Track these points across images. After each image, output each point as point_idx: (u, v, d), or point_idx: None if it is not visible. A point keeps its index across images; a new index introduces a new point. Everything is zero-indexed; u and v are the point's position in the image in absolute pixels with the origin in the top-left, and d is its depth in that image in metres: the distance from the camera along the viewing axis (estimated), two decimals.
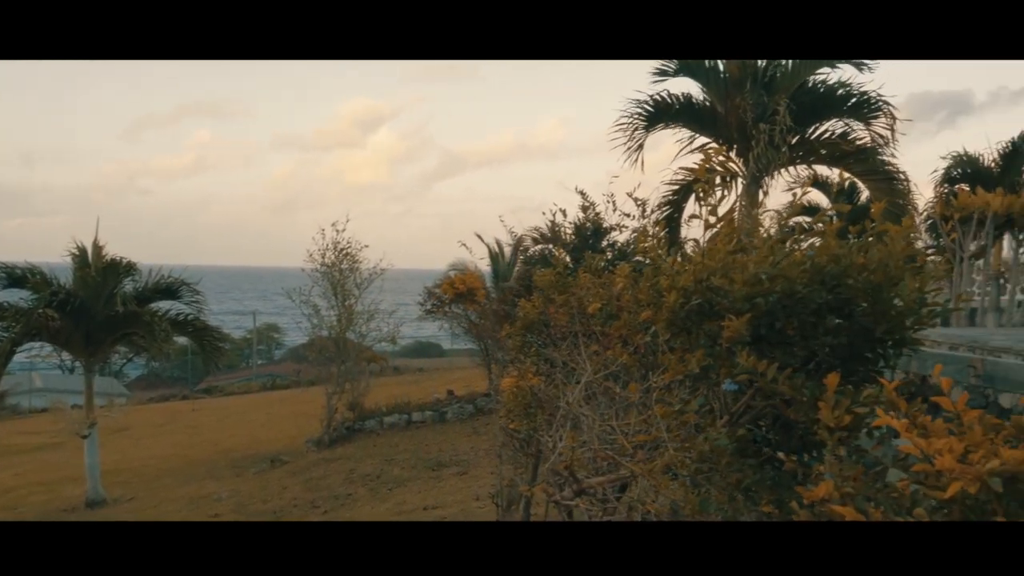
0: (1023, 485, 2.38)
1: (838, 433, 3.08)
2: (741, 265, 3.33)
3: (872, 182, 10.26)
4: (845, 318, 3.65)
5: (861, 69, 9.67)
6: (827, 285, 3.56)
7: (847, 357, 3.75)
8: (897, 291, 3.45)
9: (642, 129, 10.51)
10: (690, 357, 3.65)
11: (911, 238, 3.49)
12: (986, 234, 8.07)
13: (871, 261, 3.55)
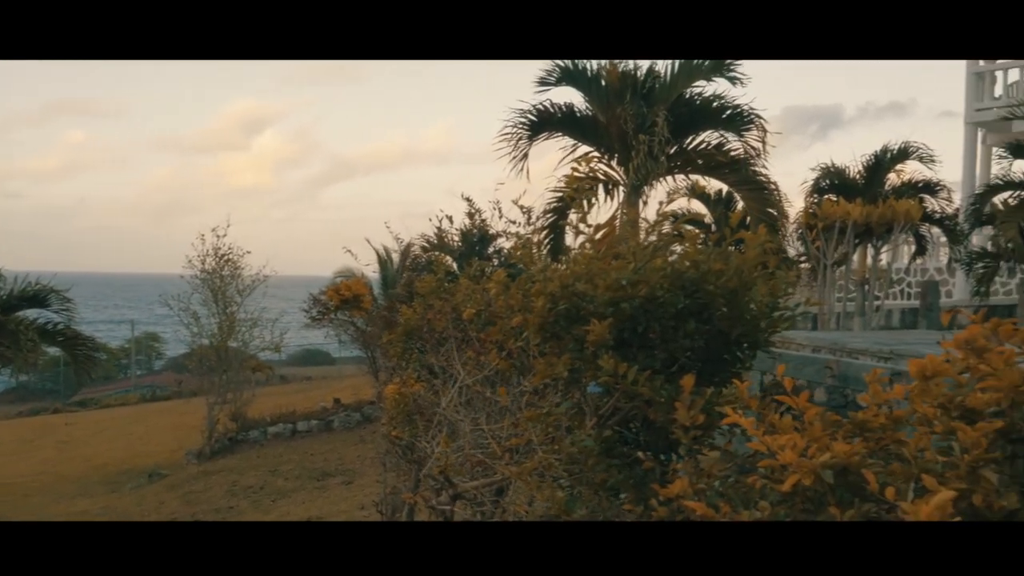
0: (853, 476, 2.53)
1: (693, 432, 3.21)
2: (604, 271, 3.44)
3: (745, 191, 10.69)
4: (704, 322, 3.80)
5: (734, 83, 10.10)
6: (687, 290, 3.70)
7: (706, 359, 3.91)
8: (750, 296, 3.62)
9: (526, 138, 10.68)
10: (556, 361, 3.74)
11: (765, 246, 3.66)
12: (847, 242, 8.52)
13: (728, 267, 3.71)
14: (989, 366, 2.44)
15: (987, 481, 2.24)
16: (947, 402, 2.50)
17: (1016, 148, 13.24)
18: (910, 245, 17.81)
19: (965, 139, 19.71)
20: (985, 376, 2.49)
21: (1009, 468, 2.51)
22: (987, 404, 2.51)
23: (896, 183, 14.74)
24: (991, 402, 2.50)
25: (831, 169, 14.78)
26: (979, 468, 2.26)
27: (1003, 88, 19.61)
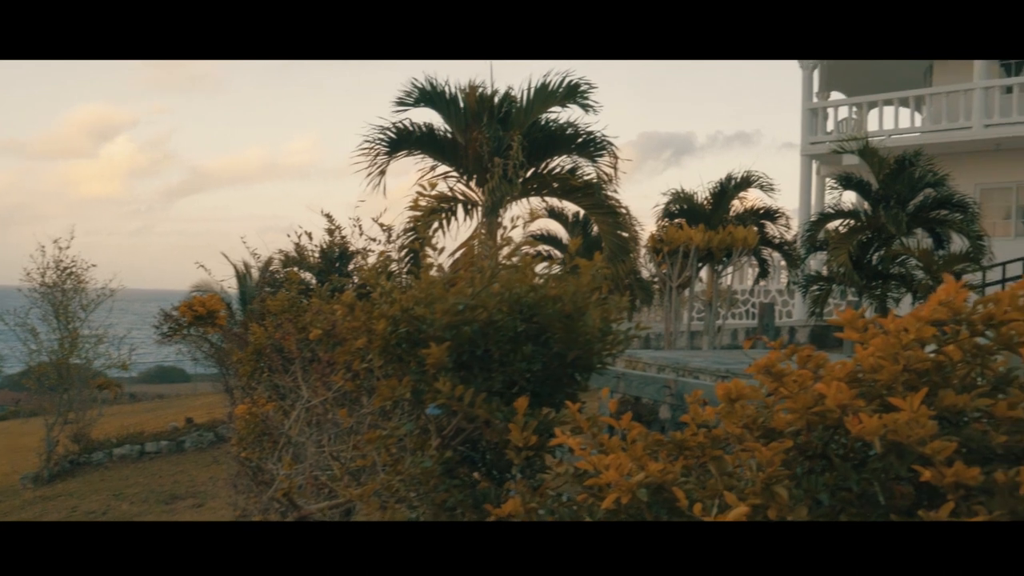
0: (667, 494, 2.70)
1: (525, 452, 3.33)
2: (442, 296, 3.52)
3: (598, 215, 11.06)
4: (542, 345, 3.95)
5: (587, 110, 10.47)
6: (525, 314, 3.84)
7: (544, 381, 4.06)
8: (585, 321, 3.79)
9: (384, 156, 10.70)
10: (398, 383, 3.80)
11: (598, 272, 3.85)
12: (690, 265, 8.96)
13: (564, 292, 3.87)
14: (786, 389, 2.67)
15: (779, 496, 2.44)
16: (750, 423, 2.71)
17: (846, 180, 14.24)
18: (754, 268, 18.80)
19: (801, 170, 21.05)
20: (784, 398, 2.71)
21: (806, 483, 2.75)
22: (787, 424, 2.74)
23: (740, 209, 15.59)
24: (790, 422, 2.73)
25: (681, 194, 15.47)
26: (772, 484, 2.46)
27: (834, 123, 21.08)
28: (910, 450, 2.28)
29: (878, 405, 2.44)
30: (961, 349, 2.53)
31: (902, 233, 13.33)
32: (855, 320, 2.72)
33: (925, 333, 2.35)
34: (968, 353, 2.54)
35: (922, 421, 2.23)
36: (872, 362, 2.45)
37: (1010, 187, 20.24)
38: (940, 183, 13.78)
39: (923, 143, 17.25)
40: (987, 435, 2.42)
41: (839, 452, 2.71)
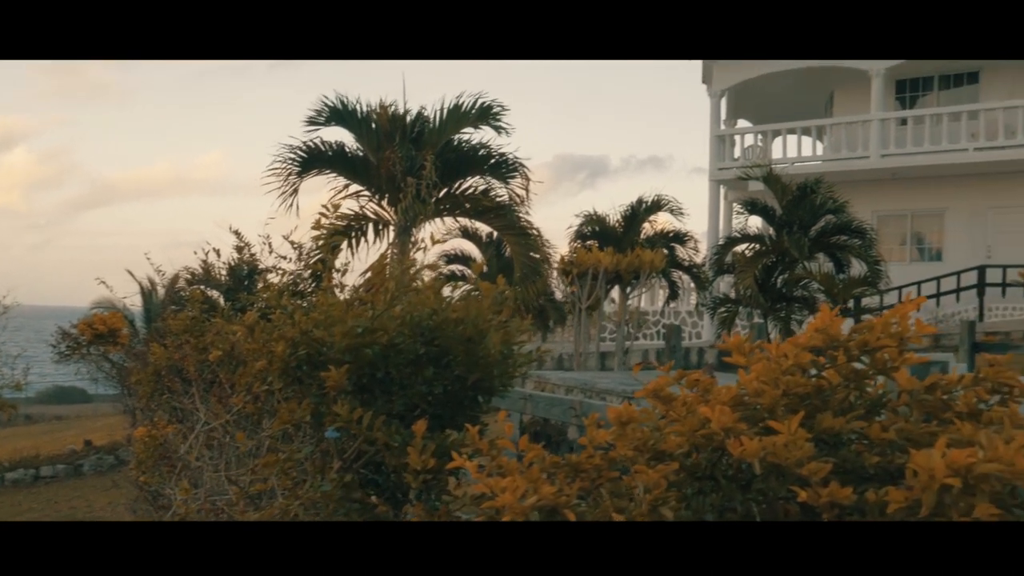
0: (559, 516, 2.73)
1: (423, 476, 3.32)
2: (341, 319, 3.50)
3: (510, 236, 11.14)
4: (443, 368, 3.95)
5: (500, 132, 10.55)
6: (426, 337, 3.84)
7: (446, 403, 4.06)
8: (486, 344, 3.81)
9: (296, 174, 10.58)
10: (298, 406, 3.75)
11: (500, 295, 3.88)
12: (599, 287, 9.10)
13: (466, 315, 3.89)
14: (675, 413, 2.74)
15: (665, 517, 2.50)
16: (641, 445, 2.77)
17: (751, 205, 14.66)
18: (665, 290, 19.17)
19: (710, 194, 21.64)
20: (674, 421, 2.79)
21: (694, 504, 2.82)
22: (676, 447, 2.80)
23: (650, 232, 15.89)
24: (679, 445, 2.80)
25: (593, 217, 15.70)
26: (659, 506, 2.52)
27: (741, 150, 21.76)
28: (788, 471, 2.36)
29: (760, 428, 2.53)
30: (839, 374, 2.65)
31: (804, 257, 13.75)
32: (742, 345, 2.81)
33: (803, 359, 2.44)
34: (846, 377, 2.66)
35: (799, 443, 2.32)
36: (755, 386, 2.54)
37: (905, 214, 21.18)
38: (840, 210, 14.28)
39: (824, 171, 17.90)
40: (861, 456, 2.53)
41: (727, 473, 2.79)
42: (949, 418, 2.58)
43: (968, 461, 2.01)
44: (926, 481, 2.04)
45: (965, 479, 2.02)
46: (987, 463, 2.02)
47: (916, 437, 2.52)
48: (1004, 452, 2.07)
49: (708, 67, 22.13)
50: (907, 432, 2.53)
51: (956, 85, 21.01)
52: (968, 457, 2.02)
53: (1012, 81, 19.97)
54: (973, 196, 19.99)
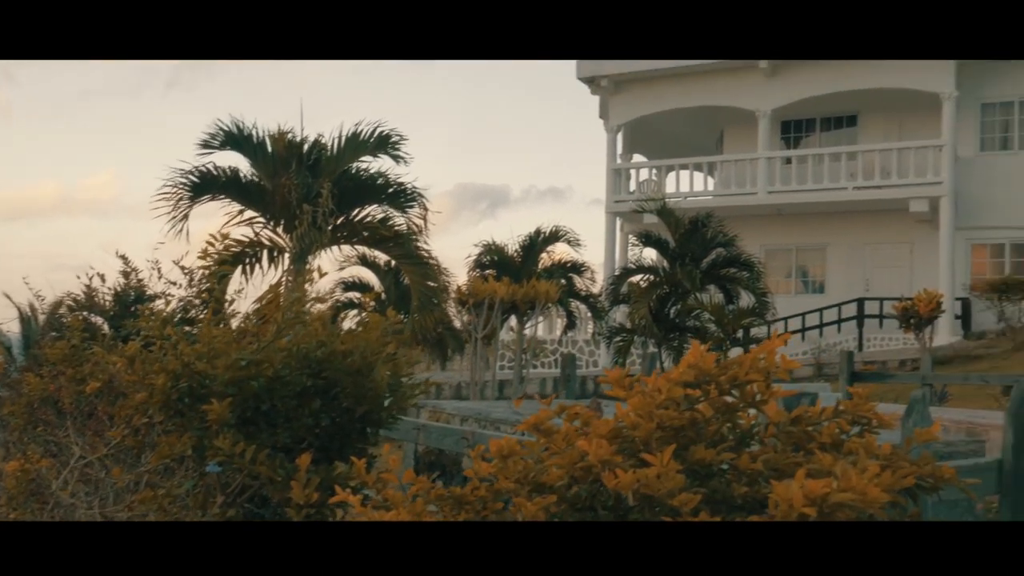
0: None
1: (306, 510, 3.29)
2: (225, 351, 3.44)
3: (408, 265, 11.13)
4: (331, 400, 3.93)
5: (398, 161, 10.57)
6: (313, 370, 3.81)
7: (333, 436, 4.02)
8: (374, 376, 3.81)
9: (187, 199, 10.33)
10: (178, 440, 3.66)
11: (389, 327, 3.89)
12: (495, 317, 9.19)
13: (355, 348, 3.88)
14: (555, 446, 2.80)
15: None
16: (522, 478, 2.82)
17: (646, 237, 15.05)
18: (563, 319, 19.43)
19: (606, 226, 22.14)
20: (554, 454, 2.84)
21: None
22: (557, 479, 2.86)
23: (548, 263, 16.12)
24: (560, 477, 2.86)
25: (492, 246, 15.82)
26: None
27: (636, 184, 22.37)
28: (661, 502, 2.44)
29: (636, 460, 2.61)
30: (712, 407, 2.76)
31: (696, 289, 14.12)
32: (621, 379, 2.89)
33: (675, 393, 2.54)
34: (718, 410, 2.77)
35: (671, 475, 2.40)
36: (632, 419, 2.62)
37: (790, 248, 22.10)
38: (729, 243, 14.77)
39: (715, 206, 18.54)
40: (731, 486, 2.64)
41: (606, 504, 2.86)
42: (813, 449, 2.71)
43: (823, 491, 2.12)
44: (785, 510, 2.15)
45: (821, 508, 2.13)
46: (841, 492, 2.14)
47: (782, 467, 2.64)
48: (857, 482, 2.19)
49: (605, 103, 22.70)
50: (773, 462, 2.65)
51: (836, 127, 22.14)
52: (823, 487, 2.14)
53: (886, 125, 21.18)
54: (852, 232, 21.03)
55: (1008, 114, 20.10)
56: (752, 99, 20.80)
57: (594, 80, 22.16)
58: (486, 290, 8.83)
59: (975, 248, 20.13)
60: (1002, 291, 17.35)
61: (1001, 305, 17.39)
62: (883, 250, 20.99)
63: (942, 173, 18.84)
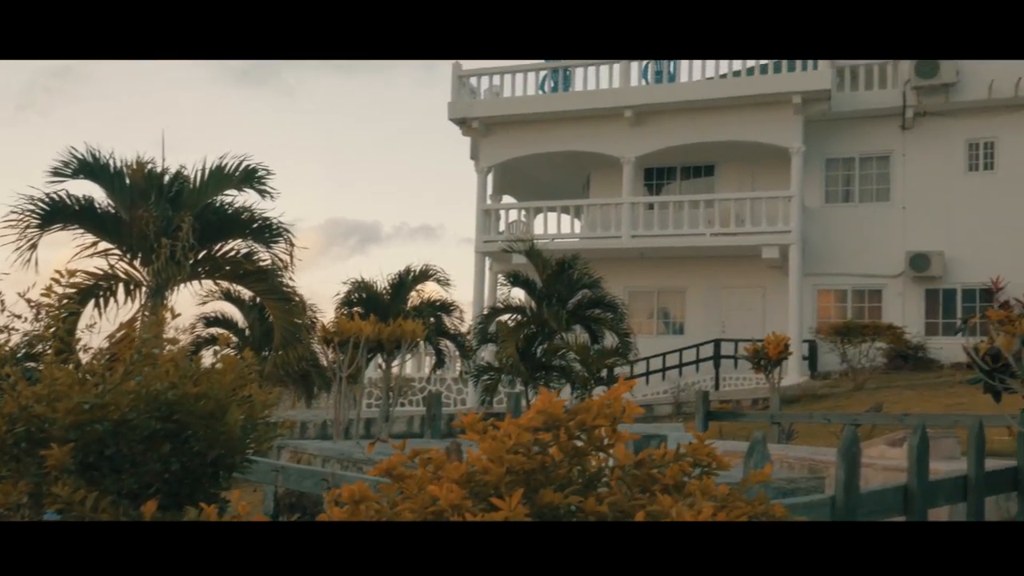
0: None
1: None
2: (66, 393, 3.31)
3: (272, 301, 10.93)
4: (182, 443, 3.81)
5: (264, 195, 10.41)
6: (162, 413, 3.70)
7: (183, 481, 3.90)
8: (227, 419, 3.73)
9: (35, 227, 9.82)
10: (10, 487, 3.47)
11: (246, 367, 3.82)
12: (360, 356, 9.13)
13: (208, 390, 3.79)
14: (407, 490, 2.82)
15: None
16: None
17: (514, 277, 15.28)
18: (431, 357, 19.41)
19: (476, 265, 22.37)
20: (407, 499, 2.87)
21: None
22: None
23: (417, 301, 16.13)
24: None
25: (361, 283, 15.71)
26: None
27: (506, 224, 22.74)
28: None
29: (487, 504, 2.67)
30: (562, 451, 2.85)
31: (562, 329, 14.39)
32: (475, 423, 2.95)
33: (524, 438, 2.62)
34: (567, 454, 2.87)
35: (518, 518, 2.47)
36: (482, 464, 2.68)
37: (653, 291, 22.90)
38: (595, 285, 15.16)
39: (582, 248, 19.04)
40: None
41: None
42: (656, 491, 2.84)
43: None
44: None
45: None
46: None
47: (626, 509, 2.75)
48: None
49: (476, 144, 23.04)
50: (619, 505, 2.76)
51: (696, 176, 23.22)
52: None
53: (741, 175, 22.36)
54: (710, 276, 22.00)
55: (849, 169, 21.60)
56: (617, 146, 21.56)
57: (465, 121, 22.49)
58: (351, 328, 8.77)
59: (821, 293, 21.41)
60: (844, 334, 18.47)
61: (843, 347, 18.49)
62: (738, 294, 22.03)
63: (791, 222, 20.01)
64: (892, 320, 19.77)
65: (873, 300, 20.98)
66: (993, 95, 19.94)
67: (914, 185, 20.73)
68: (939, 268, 20.02)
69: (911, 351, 19.12)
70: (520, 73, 22.42)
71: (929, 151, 20.64)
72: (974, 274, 19.95)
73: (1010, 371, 4.64)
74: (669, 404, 18.22)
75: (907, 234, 20.58)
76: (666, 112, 21.18)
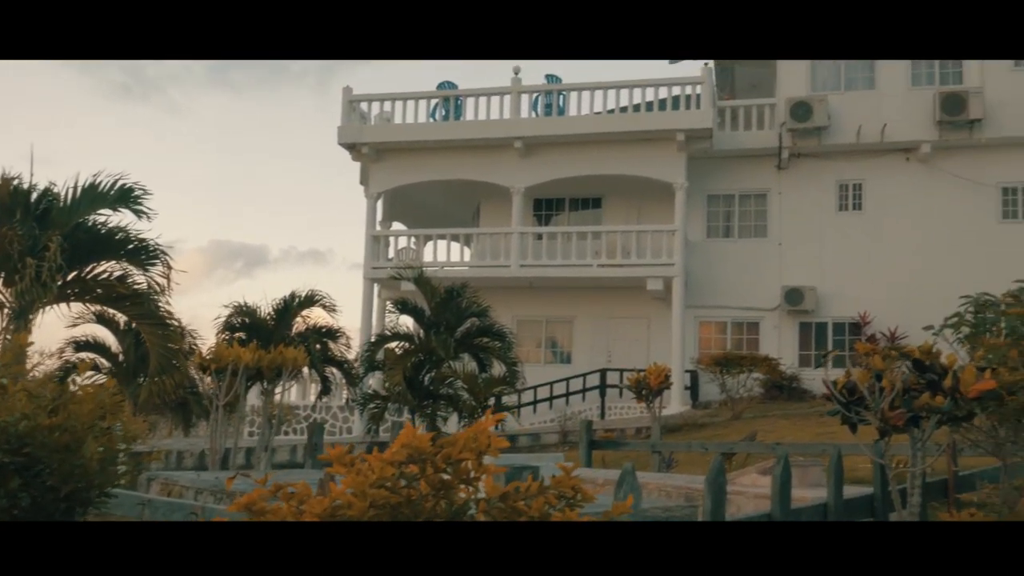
0: None
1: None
2: None
3: (147, 326, 10.54)
4: (33, 478, 3.62)
5: (140, 216, 10.06)
6: (12, 445, 3.51)
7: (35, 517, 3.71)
8: (83, 452, 3.57)
9: None
10: None
11: (101, 401, 3.67)
12: (239, 383, 8.88)
13: (63, 421, 3.62)
14: None
15: None
16: None
17: (403, 305, 15.18)
18: (317, 384, 19.04)
19: (364, 292, 22.16)
20: None
21: None
22: None
23: (303, 327, 15.79)
24: None
25: (244, 308, 15.28)
26: None
27: (395, 251, 22.63)
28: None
29: None
30: (429, 484, 2.84)
31: (450, 357, 14.35)
32: (342, 455, 2.91)
33: (387, 472, 2.60)
34: (434, 487, 2.86)
35: None
36: (346, 498, 2.65)
37: (541, 320, 23.15)
38: (483, 313, 15.19)
39: (471, 276, 19.08)
40: None
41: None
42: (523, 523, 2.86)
43: None
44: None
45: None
46: None
47: None
48: None
49: (366, 169, 22.90)
50: None
51: (584, 208, 23.68)
52: None
53: (627, 209, 22.92)
54: (597, 306, 22.41)
55: (730, 205, 22.44)
56: (507, 176, 21.81)
57: (355, 146, 22.33)
58: (230, 355, 8.52)
59: (703, 324, 22.08)
60: (723, 365, 19.08)
61: (723, 378, 19.09)
62: (624, 324, 22.49)
63: (674, 255, 20.61)
64: (769, 352, 20.54)
65: (751, 332, 21.75)
66: (861, 139, 21.12)
67: (789, 222, 21.69)
68: (812, 302, 20.95)
69: (786, 381, 19.89)
70: (411, 100, 22.45)
71: (803, 190, 21.66)
72: (844, 308, 20.96)
73: (865, 403, 4.89)
74: (555, 433, 18.38)
75: (783, 269, 21.48)
76: (555, 144, 21.57)
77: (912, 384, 4.87)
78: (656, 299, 21.42)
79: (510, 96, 21.74)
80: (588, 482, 8.94)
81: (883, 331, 19.88)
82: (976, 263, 19.39)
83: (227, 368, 8.64)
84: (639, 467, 13.90)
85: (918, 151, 20.96)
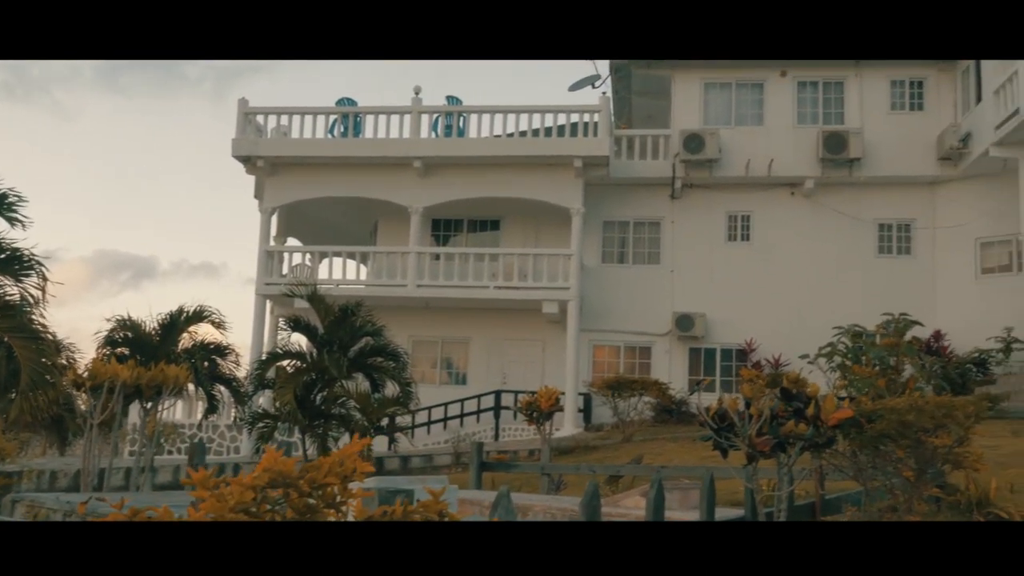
0: None
1: None
2: None
3: (19, 340, 10.06)
4: None
5: (14, 224, 9.63)
6: None
7: None
8: None
9: None
10: None
11: None
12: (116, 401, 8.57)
13: None
14: None
15: None
16: None
17: (295, 322, 14.94)
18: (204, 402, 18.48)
19: (255, 308, 21.70)
20: None
21: None
22: None
23: (190, 343, 15.33)
24: None
25: (127, 322, 14.73)
26: None
27: (289, 267, 22.26)
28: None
29: None
30: (294, 509, 2.82)
31: (343, 376, 14.18)
32: (206, 479, 2.87)
33: (246, 497, 2.58)
34: (299, 512, 2.84)
35: None
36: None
37: (436, 340, 23.11)
38: (378, 333, 15.08)
39: (367, 295, 18.94)
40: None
41: None
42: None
43: None
44: None
45: None
46: None
47: None
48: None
49: (261, 183, 22.48)
50: None
51: (482, 229, 23.83)
52: None
53: (525, 232, 23.18)
54: (493, 328, 22.51)
55: (625, 232, 22.95)
56: (406, 195, 21.77)
57: (250, 159, 21.92)
58: (107, 372, 8.20)
59: (597, 348, 22.44)
60: (615, 388, 19.40)
61: (615, 401, 19.41)
62: (519, 346, 22.66)
63: (570, 280, 20.93)
64: (660, 376, 21.00)
65: (643, 356, 22.22)
66: (750, 173, 21.95)
67: (681, 250, 22.32)
68: (701, 329, 21.57)
69: (675, 405, 20.36)
70: (309, 115, 22.20)
71: (694, 220, 22.33)
72: (731, 335, 21.65)
73: (734, 430, 5.08)
74: (449, 454, 18.34)
75: (675, 296, 22.05)
76: (455, 166, 21.67)
77: (780, 412, 5.09)
78: (551, 322, 21.67)
79: (410, 116, 21.74)
80: (475, 504, 8.99)
81: (768, 358, 20.62)
82: (855, 295, 20.37)
83: (103, 385, 8.31)
84: (530, 489, 13.94)
85: (803, 186, 21.91)
